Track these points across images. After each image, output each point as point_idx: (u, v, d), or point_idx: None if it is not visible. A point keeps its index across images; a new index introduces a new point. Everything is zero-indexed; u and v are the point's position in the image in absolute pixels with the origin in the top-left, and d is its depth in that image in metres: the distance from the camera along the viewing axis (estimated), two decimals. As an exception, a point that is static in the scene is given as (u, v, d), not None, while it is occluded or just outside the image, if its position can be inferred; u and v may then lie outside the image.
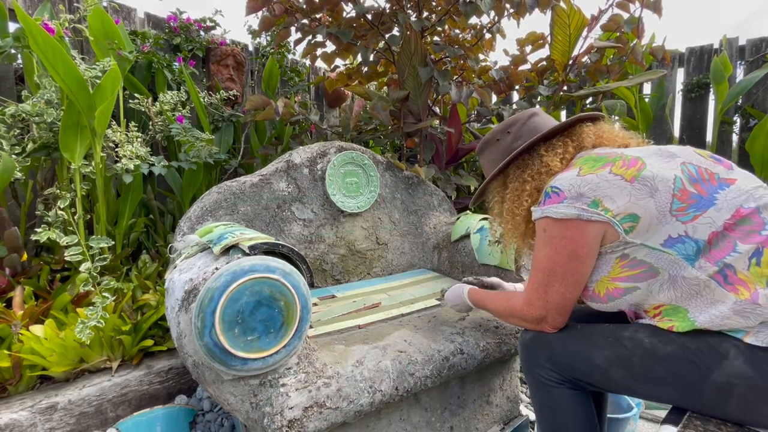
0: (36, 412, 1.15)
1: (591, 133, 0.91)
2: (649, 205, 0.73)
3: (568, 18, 2.01)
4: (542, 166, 0.91)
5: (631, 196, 0.74)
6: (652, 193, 0.73)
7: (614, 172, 0.76)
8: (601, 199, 0.75)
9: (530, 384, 0.94)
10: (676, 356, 0.73)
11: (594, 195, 0.76)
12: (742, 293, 0.70)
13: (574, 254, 0.79)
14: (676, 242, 0.73)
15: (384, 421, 1.07)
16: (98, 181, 1.53)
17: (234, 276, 0.81)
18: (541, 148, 0.93)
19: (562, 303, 0.84)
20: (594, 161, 0.81)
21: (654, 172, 0.75)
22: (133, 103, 1.84)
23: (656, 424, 1.45)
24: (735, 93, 2.71)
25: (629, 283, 0.79)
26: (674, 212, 0.73)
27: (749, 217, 0.72)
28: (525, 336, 0.94)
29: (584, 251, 0.78)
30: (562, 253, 0.80)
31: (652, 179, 0.74)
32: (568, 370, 0.86)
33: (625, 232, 0.75)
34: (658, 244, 0.74)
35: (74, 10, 2.02)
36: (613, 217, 0.75)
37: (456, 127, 2.30)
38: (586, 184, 0.77)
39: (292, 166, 1.51)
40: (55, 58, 1.29)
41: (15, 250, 1.47)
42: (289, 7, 2.01)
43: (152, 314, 1.44)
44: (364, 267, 1.65)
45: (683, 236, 0.73)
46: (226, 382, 0.86)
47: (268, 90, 2.64)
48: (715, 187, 0.74)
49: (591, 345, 0.83)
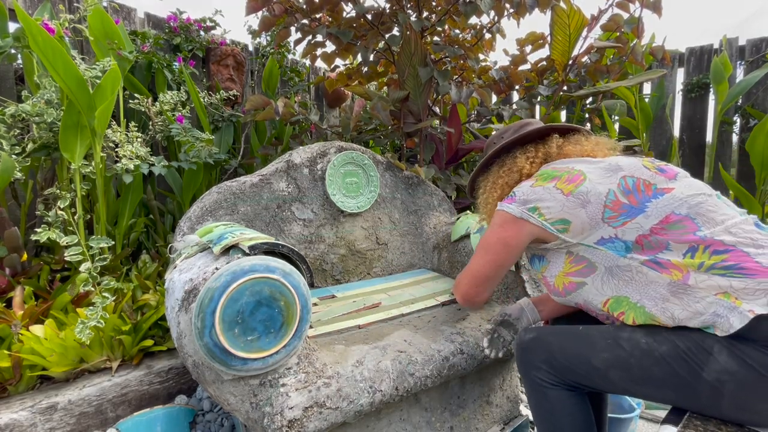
0: (36, 412, 1.15)
1: (555, 145, 1.05)
2: (580, 213, 0.87)
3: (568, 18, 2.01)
4: (514, 165, 1.06)
5: (564, 207, 0.88)
6: (584, 205, 0.87)
7: (557, 186, 0.90)
8: (539, 207, 0.91)
9: (526, 385, 0.96)
10: (671, 355, 0.75)
11: (535, 203, 0.91)
12: (675, 275, 0.77)
13: (505, 241, 0.96)
14: (607, 242, 0.85)
15: (384, 421, 1.07)
16: (98, 181, 1.53)
17: (234, 276, 0.81)
18: (518, 150, 1.08)
19: (476, 274, 1.05)
20: (548, 176, 0.94)
21: (589, 187, 0.87)
22: (133, 103, 1.84)
23: (656, 424, 1.46)
24: (735, 93, 2.71)
25: (578, 278, 0.90)
26: (606, 220, 0.85)
27: (680, 222, 0.79)
28: (522, 337, 0.96)
29: (513, 242, 0.95)
30: (498, 236, 0.97)
31: (585, 193, 0.87)
32: (566, 372, 0.88)
33: (559, 232, 0.89)
34: (593, 243, 0.87)
35: (74, 10, 2.02)
36: (544, 221, 0.90)
37: (456, 127, 2.30)
38: (533, 194, 0.93)
39: (292, 166, 1.51)
40: (55, 58, 1.29)
41: (15, 250, 1.47)
42: (289, 7, 2.01)
43: (152, 314, 1.44)
44: (364, 267, 1.65)
45: (613, 238, 0.84)
46: (226, 382, 0.86)
47: (268, 90, 2.64)
48: (649, 197, 0.84)
49: (589, 347, 0.85)
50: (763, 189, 2.57)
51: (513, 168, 1.06)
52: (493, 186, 1.10)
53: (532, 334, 0.95)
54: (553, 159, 1.03)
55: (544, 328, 0.97)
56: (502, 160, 1.11)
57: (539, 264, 1.00)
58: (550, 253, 0.96)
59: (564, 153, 1.03)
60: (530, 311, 1.15)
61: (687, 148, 3.11)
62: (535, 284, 1.35)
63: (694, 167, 3.05)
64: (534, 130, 1.06)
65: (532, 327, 1.00)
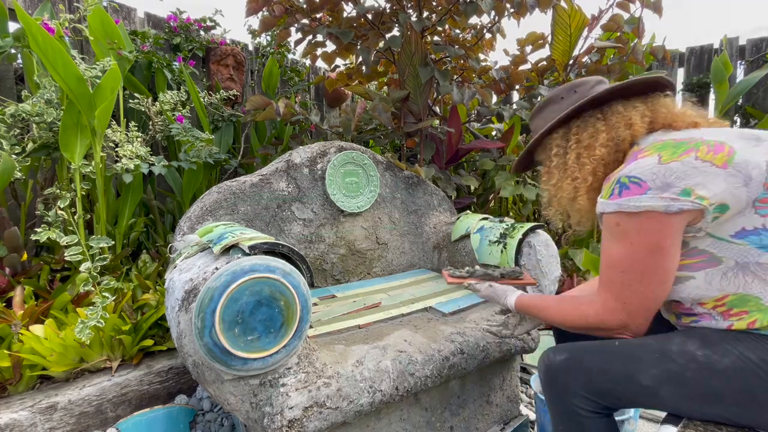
0: (36, 411, 1.15)
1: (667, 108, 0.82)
2: (741, 194, 0.66)
3: (569, 18, 2.01)
4: (621, 119, 0.82)
5: (727, 183, 0.66)
6: (747, 182, 0.66)
7: (701, 157, 0.67)
8: (692, 188, 0.66)
9: (558, 414, 0.83)
10: (737, 369, 0.67)
11: (684, 184, 0.66)
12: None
13: (657, 247, 0.70)
14: (750, 234, 0.67)
15: (384, 421, 1.07)
16: (98, 181, 1.53)
17: (234, 276, 0.81)
18: (619, 104, 0.85)
19: (645, 304, 0.74)
20: (674, 147, 0.70)
21: (746, 157, 0.66)
22: (133, 103, 1.84)
23: (656, 424, 1.45)
24: (735, 93, 2.71)
25: (683, 272, 0.73)
26: (757, 203, 0.67)
27: None
28: (552, 358, 0.83)
29: (668, 242, 0.69)
30: (641, 247, 0.71)
31: (745, 165, 0.66)
32: (607, 396, 0.77)
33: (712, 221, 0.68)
34: (728, 235, 0.68)
35: (74, 9, 2.02)
36: (708, 206, 0.66)
37: (456, 126, 2.30)
38: (671, 172, 0.67)
39: (292, 165, 1.51)
40: (55, 58, 1.29)
41: (15, 249, 1.47)
42: (289, 7, 2.01)
43: (152, 314, 1.44)
44: (364, 267, 1.65)
45: (760, 229, 0.67)
46: (226, 382, 0.86)
47: (268, 90, 2.64)
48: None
49: (635, 364, 0.74)
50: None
51: (618, 123, 0.82)
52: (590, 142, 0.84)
53: (564, 355, 0.82)
54: (658, 125, 0.81)
55: (575, 346, 0.83)
56: (595, 114, 0.86)
57: None
58: None
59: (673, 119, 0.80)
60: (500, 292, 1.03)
61: (687, 148, 3.11)
62: (535, 284, 1.35)
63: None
64: (642, 80, 0.83)
65: (560, 346, 0.85)
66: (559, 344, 0.88)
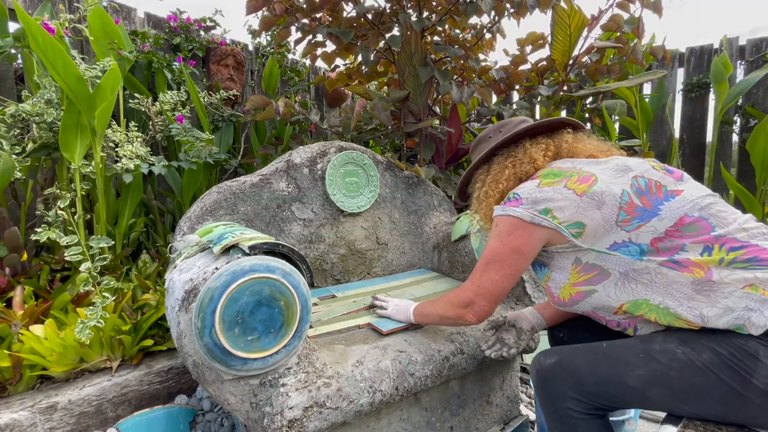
0: (36, 411, 1.15)
1: (566, 141, 0.99)
2: (596, 215, 0.81)
3: (569, 18, 2.00)
4: (525, 156, 0.98)
5: (578, 208, 0.82)
6: (599, 206, 0.81)
7: (568, 186, 0.84)
8: (551, 209, 0.83)
9: (550, 416, 0.86)
10: (714, 364, 0.71)
11: (546, 204, 0.84)
12: (697, 273, 0.75)
13: (518, 249, 0.87)
14: (620, 246, 0.81)
15: (384, 421, 1.07)
16: (98, 181, 1.53)
17: (234, 276, 0.81)
18: (527, 142, 1.01)
19: (493, 290, 0.90)
20: (554, 176, 0.88)
21: (603, 188, 0.82)
22: (133, 103, 1.84)
23: (656, 424, 1.45)
24: (735, 93, 2.71)
25: (587, 287, 0.85)
26: (620, 223, 0.80)
27: (694, 224, 0.77)
28: (542, 362, 0.88)
29: (527, 249, 0.86)
30: (507, 245, 0.88)
31: (600, 194, 0.82)
32: (598, 397, 0.81)
33: (573, 236, 0.83)
34: (605, 248, 0.82)
35: (74, 9, 2.02)
36: (559, 224, 0.83)
37: (456, 126, 2.30)
38: (542, 194, 0.85)
39: (292, 165, 1.51)
40: (56, 58, 1.29)
41: (15, 249, 1.47)
42: (290, 6, 2.01)
43: (152, 314, 1.44)
44: (364, 267, 1.65)
45: (627, 242, 0.80)
46: (226, 382, 0.86)
47: (268, 90, 2.64)
48: (661, 199, 0.80)
49: (622, 365, 0.79)
50: (763, 189, 2.57)
51: (524, 159, 0.98)
52: (497, 177, 1.00)
53: (554, 358, 0.86)
54: (562, 156, 0.98)
55: (565, 349, 0.88)
56: (508, 152, 1.02)
57: (542, 272, 0.94)
58: (555, 261, 0.90)
59: (574, 151, 0.98)
60: (532, 316, 1.12)
61: (687, 147, 3.11)
62: (535, 284, 1.35)
63: (695, 167, 3.05)
64: (546, 122, 1.00)
65: (551, 350, 0.90)
66: (550, 348, 0.93)
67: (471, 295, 0.93)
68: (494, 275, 0.90)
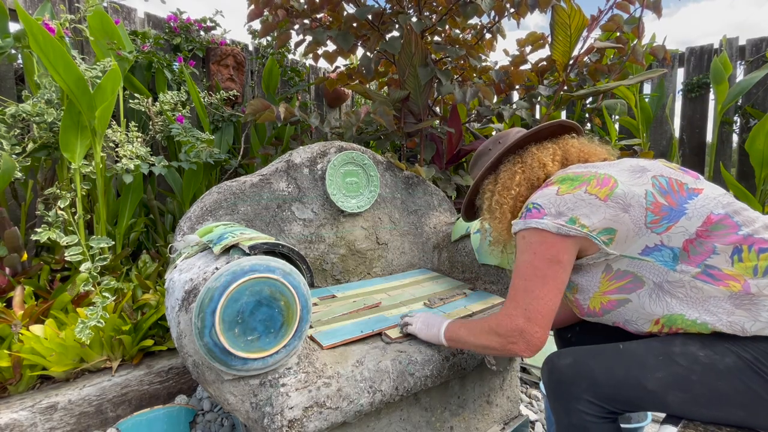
0: (36, 411, 1.15)
1: (575, 145, 0.97)
2: (624, 219, 0.78)
3: (569, 18, 2.01)
4: (534, 160, 0.95)
5: (605, 214, 0.78)
6: (626, 209, 0.78)
7: (589, 191, 0.80)
8: (578, 217, 0.79)
9: (561, 420, 0.83)
10: (738, 367, 0.69)
11: (571, 213, 0.79)
12: (733, 287, 0.71)
13: (555, 259, 0.80)
14: (653, 251, 0.77)
15: (384, 421, 1.07)
16: (98, 181, 1.53)
17: (234, 276, 0.81)
18: (533, 147, 0.98)
19: (543, 311, 0.79)
20: (571, 181, 0.83)
21: (625, 190, 0.79)
22: (133, 103, 1.84)
23: (656, 423, 1.45)
24: (735, 93, 2.71)
25: (620, 295, 0.81)
26: (649, 225, 0.77)
27: (721, 222, 0.74)
28: (555, 363, 0.84)
29: (564, 257, 0.80)
30: (543, 256, 0.80)
31: (623, 197, 0.78)
32: (613, 400, 0.78)
33: (605, 243, 0.79)
34: (637, 253, 0.78)
35: (74, 10, 2.02)
36: (589, 232, 0.78)
37: (456, 127, 2.30)
38: (564, 203, 0.80)
39: (292, 165, 1.51)
40: (56, 58, 1.29)
41: (15, 249, 1.47)
42: (290, 7, 2.01)
43: (152, 314, 1.44)
44: (364, 267, 1.65)
45: (659, 245, 0.77)
46: (226, 382, 0.86)
47: (269, 90, 2.64)
48: (685, 197, 0.78)
49: (640, 368, 0.76)
50: (763, 188, 2.57)
51: (533, 163, 0.95)
52: (507, 184, 0.97)
53: (568, 359, 0.83)
54: (572, 161, 0.94)
55: (579, 350, 0.84)
56: (514, 159, 0.99)
57: (567, 288, 0.88)
58: (582, 273, 0.85)
59: (585, 155, 0.94)
60: None
61: (687, 147, 3.11)
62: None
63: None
64: (548, 125, 0.97)
65: (565, 350, 0.86)
66: (563, 348, 0.89)
67: (521, 322, 0.79)
68: (539, 292, 0.79)
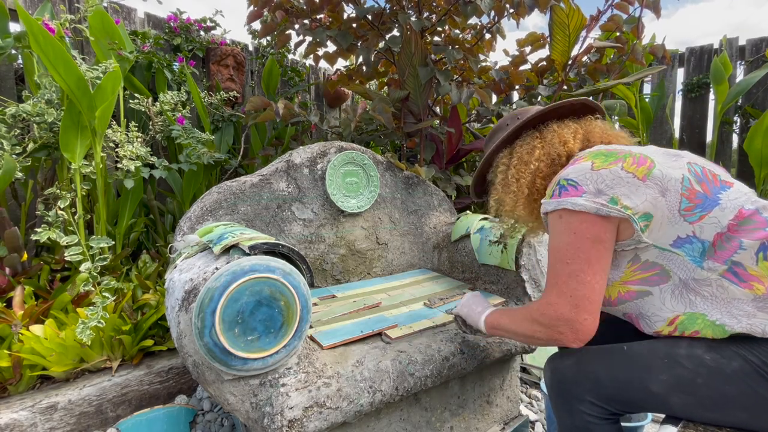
0: (36, 411, 1.15)
1: (599, 126, 0.92)
2: (661, 204, 0.73)
3: (568, 18, 2.01)
4: (555, 137, 0.90)
5: (646, 195, 0.73)
6: (663, 193, 0.73)
7: (626, 168, 0.75)
8: (619, 197, 0.73)
9: (564, 421, 0.82)
10: (745, 371, 0.68)
11: (611, 192, 0.74)
12: (757, 289, 0.70)
13: (598, 238, 0.74)
14: (684, 243, 0.73)
15: (384, 421, 1.07)
16: (98, 181, 1.53)
17: (234, 276, 0.81)
18: (554, 123, 0.93)
19: (591, 296, 0.74)
20: (605, 156, 0.78)
21: (663, 171, 0.75)
22: (133, 103, 1.84)
23: (656, 423, 1.45)
24: (735, 93, 2.71)
25: (642, 287, 0.78)
26: (683, 212, 0.73)
27: (751, 218, 0.72)
28: (558, 364, 0.84)
29: (606, 236, 0.74)
30: (584, 236, 0.74)
31: (661, 179, 0.74)
32: (616, 401, 0.77)
33: (641, 230, 0.74)
34: (668, 244, 0.74)
35: (75, 10, 2.03)
36: (632, 215, 0.73)
37: (456, 127, 2.30)
38: (602, 180, 0.75)
39: (292, 166, 1.51)
40: (56, 58, 1.30)
41: (15, 249, 1.47)
42: (290, 8, 2.01)
43: (152, 314, 1.44)
44: (364, 267, 1.65)
45: (691, 236, 0.73)
46: (226, 382, 0.86)
47: (268, 90, 2.64)
48: (718, 187, 0.75)
49: (644, 369, 0.74)
50: (762, 188, 2.57)
51: (554, 139, 0.90)
52: (525, 158, 0.91)
53: (571, 360, 0.82)
54: (594, 143, 0.90)
55: (582, 350, 0.82)
56: (533, 133, 0.94)
57: None
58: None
59: (608, 137, 0.90)
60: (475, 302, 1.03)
61: (687, 147, 3.12)
62: (535, 284, 1.35)
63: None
64: (571, 101, 0.92)
65: (567, 351, 0.84)
66: (565, 349, 0.87)
67: (566, 310, 0.74)
68: (584, 276, 0.74)
